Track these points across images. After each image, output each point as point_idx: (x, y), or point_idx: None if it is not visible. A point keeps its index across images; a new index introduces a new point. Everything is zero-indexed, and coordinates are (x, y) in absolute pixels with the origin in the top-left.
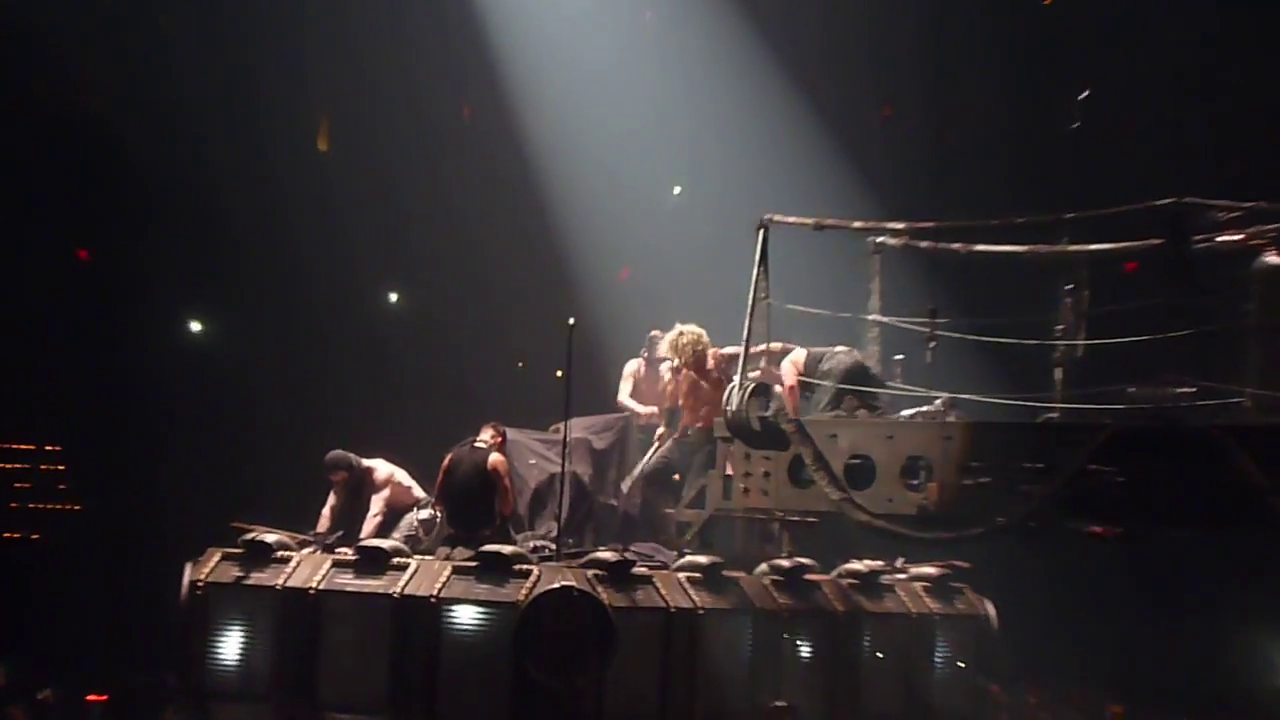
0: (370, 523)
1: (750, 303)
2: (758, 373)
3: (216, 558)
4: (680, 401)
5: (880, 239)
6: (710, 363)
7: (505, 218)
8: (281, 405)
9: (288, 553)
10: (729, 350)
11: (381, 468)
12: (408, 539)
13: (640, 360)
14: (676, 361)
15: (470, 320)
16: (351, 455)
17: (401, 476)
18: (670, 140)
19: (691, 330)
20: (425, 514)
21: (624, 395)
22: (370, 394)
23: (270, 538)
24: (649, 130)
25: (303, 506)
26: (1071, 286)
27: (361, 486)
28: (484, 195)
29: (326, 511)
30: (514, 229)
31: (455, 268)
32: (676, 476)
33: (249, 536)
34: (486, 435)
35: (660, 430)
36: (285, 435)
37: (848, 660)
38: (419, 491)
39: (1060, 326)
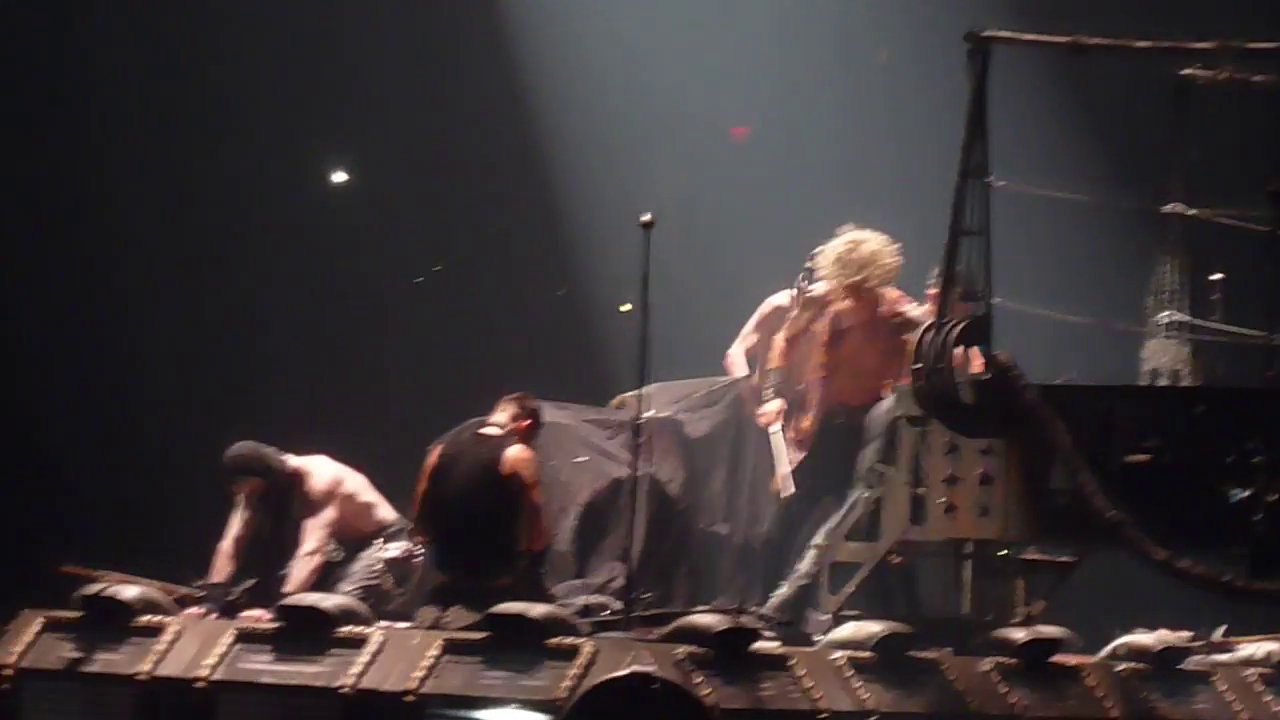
0: (304, 564)
1: (959, 179)
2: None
3: (35, 627)
4: (826, 359)
5: (1185, 71)
6: (886, 304)
7: (536, 41)
8: (153, 362)
9: (159, 617)
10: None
11: (320, 471)
12: (366, 591)
13: (793, 294)
14: (834, 287)
15: (476, 217)
16: (269, 451)
17: (355, 484)
18: None
19: (875, 240)
20: (396, 548)
21: (738, 346)
22: (306, 345)
23: (129, 592)
24: None
25: (187, 537)
26: None
27: (288, 503)
28: (507, 19)
29: (228, 545)
30: (551, 63)
31: (448, 128)
32: None
33: (91, 590)
34: (504, 415)
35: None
36: (158, 415)
37: None
38: (386, 511)
39: None
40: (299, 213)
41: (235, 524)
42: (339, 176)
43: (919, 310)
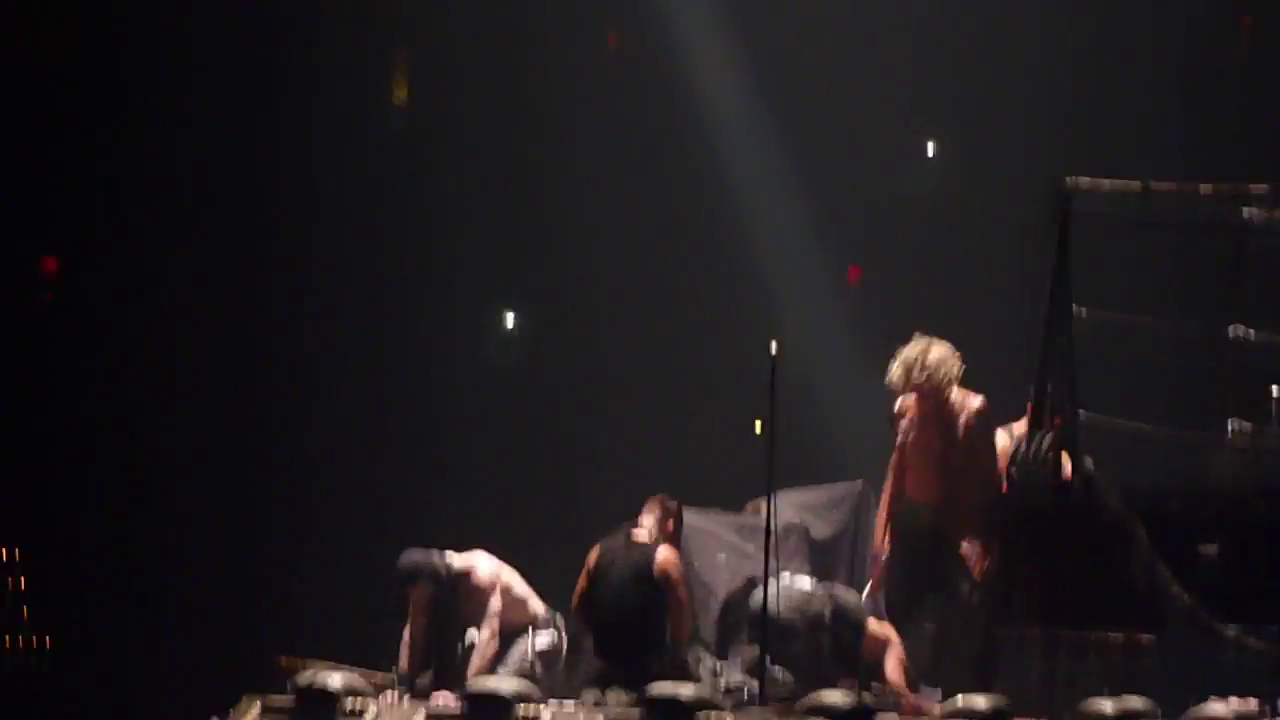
0: (484, 648)
1: (1047, 310)
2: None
3: (255, 711)
4: (896, 459)
5: (1247, 210)
6: (948, 401)
7: (670, 193)
8: (340, 477)
9: (362, 700)
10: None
11: (482, 565)
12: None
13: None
14: (900, 384)
15: (621, 349)
16: (435, 554)
17: (511, 578)
18: (922, 66)
19: (938, 347)
20: (545, 638)
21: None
22: (470, 459)
23: (334, 679)
24: (889, 52)
25: (374, 628)
26: None
27: (454, 598)
28: (637, 161)
29: (409, 637)
30: (685, 211)
31: (601, 273)
32: None
33: (302, 677)
34: (650, 520)
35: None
36: (347, 522)
37: None
38: (537, 604)
39: None
40: (464, 350)
41: (413, 617)
42: (509, 317)
43: (976, 401)
